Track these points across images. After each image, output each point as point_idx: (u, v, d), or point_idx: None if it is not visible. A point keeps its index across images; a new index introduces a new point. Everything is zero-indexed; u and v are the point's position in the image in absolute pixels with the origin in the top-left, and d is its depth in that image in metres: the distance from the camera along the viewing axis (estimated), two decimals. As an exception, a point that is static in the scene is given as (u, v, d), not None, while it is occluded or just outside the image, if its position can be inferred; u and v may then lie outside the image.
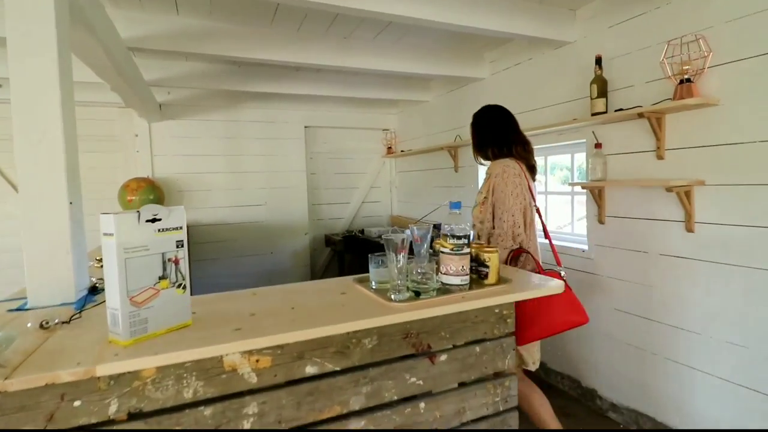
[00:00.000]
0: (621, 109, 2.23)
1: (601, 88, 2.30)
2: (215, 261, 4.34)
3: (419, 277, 1.31)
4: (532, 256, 1.81)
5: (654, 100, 2.13)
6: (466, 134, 3.82)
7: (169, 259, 1.06)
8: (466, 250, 1.34)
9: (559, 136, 2.76)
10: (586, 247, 2.63)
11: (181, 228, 1.09)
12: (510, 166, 1.87)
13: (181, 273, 1.09)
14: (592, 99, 2.34)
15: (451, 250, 1.33)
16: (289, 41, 2.82)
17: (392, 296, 1.26)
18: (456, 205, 1.38)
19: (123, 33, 2.43)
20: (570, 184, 2.50)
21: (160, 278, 1.05)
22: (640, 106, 2.13)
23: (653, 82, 2.16)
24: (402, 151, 4.69)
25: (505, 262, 1.80)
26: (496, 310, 1.34)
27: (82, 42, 1.96)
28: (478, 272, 1.41)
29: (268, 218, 4.54)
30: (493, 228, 1.89)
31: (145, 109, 3.54)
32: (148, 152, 4.03)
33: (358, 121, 4.94)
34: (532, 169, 2.00)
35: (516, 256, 1.82)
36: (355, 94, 4.01)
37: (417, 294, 1.28)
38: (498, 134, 2.00)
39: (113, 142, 4.01)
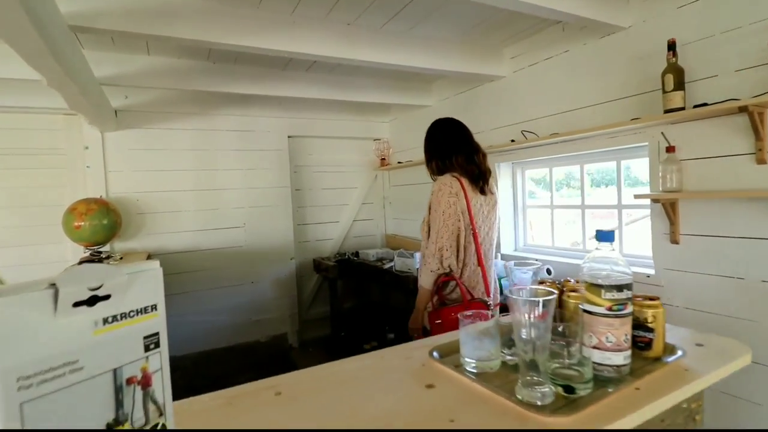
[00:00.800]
0: (704, 104, 1.81)
1: (678, 78, 1.88)
2: (185, 295, 3.65)
3: (560, 357, 0.79)
4: (458, 283, 1.70)
5: (747, 92, 1.73)
6: (480, 140, 3.35)
7: (130, 380, 0.49)
8: (630, 308, 0.84)
9: (609, 140, 2.33)
10: (651, 271, 2.19)
11: (155, 309, 0.52)
12: (447, 183, 1.74)
13: (155, 402, 0.52)
14: (665, 92, 1.91)
15: (611, 309, 0.82)
16: (281, 26, 2.28)
17: (535, 400, 0.73)
18: (607, 236, 0.86)
19: (64, 7, 1.83)
20: (638, 197, 2.07)
21: (111, 425, 0.47)
22: (737, 99, 1.72)
23: (747, 71, 1.76)
24: (399, 162, 4.19)
25: (432, 288, 1.74)
26: (684, 405, 0.84)
27: (-2, 9, 1.35)
28: (634, 339, 0.90)
29: (248, 242, 3.90)
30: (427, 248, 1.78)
31: (96, 114, 2.88)
32: (101, 168, 3.34)
33: (348, 130, 4.41)
34: (478, 179, 1.80)
35: (444, 283, 1.75)
36: (348, 96, 3.49)
37: (569, 390, 0.76)
38: (439, 148, 1.89)
39: (58, 157, 3.30)
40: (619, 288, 0.82)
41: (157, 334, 0.52)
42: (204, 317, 3.72)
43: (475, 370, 0.86)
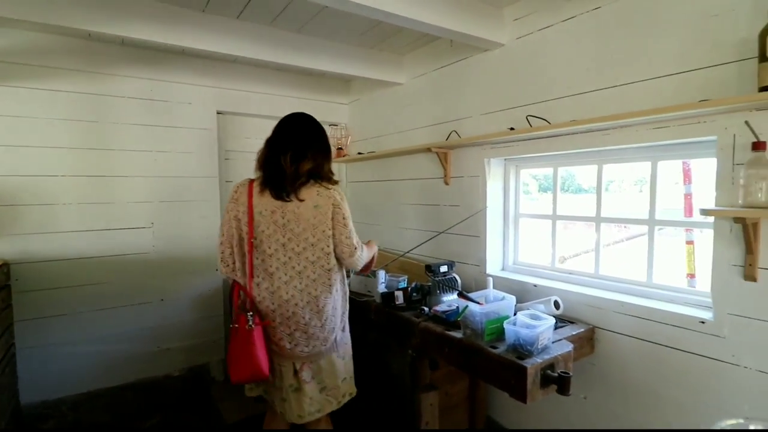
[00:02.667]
0: (829, 80, 1.21)
1: (789, 40, 1.27)
2: (65, 318, 2.68)
3: None
4: (236, 292, 1.70)
5: None
6: (466, 128, 2.49)
7: None
8: None
9: (650, 131, 1.70)
10: (708, 315, 1.59)
11: None
12: (234, 187, 1.74)
13: None
14: (765, 61, 1.30)
15: None
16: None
17: None
18: None
19: None
20: (707, 212, 1.45)
21: None
22: None
23: None
24: (359, 153, 3.42)
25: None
26: None
27: None
28: None
29: (158, 248, 2.98)
30: None
31: None
32: (-70, 138, 2.31)
33: (295, 109, 3.48)
34: (274, 183, 1.66)
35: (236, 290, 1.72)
36: (296, 61, 2.68)
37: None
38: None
39: None
40: None
41: None
42: (92, 347, 2.77)
43: None
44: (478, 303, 1.76)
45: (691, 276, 2.67)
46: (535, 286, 2.19)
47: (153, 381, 3.00)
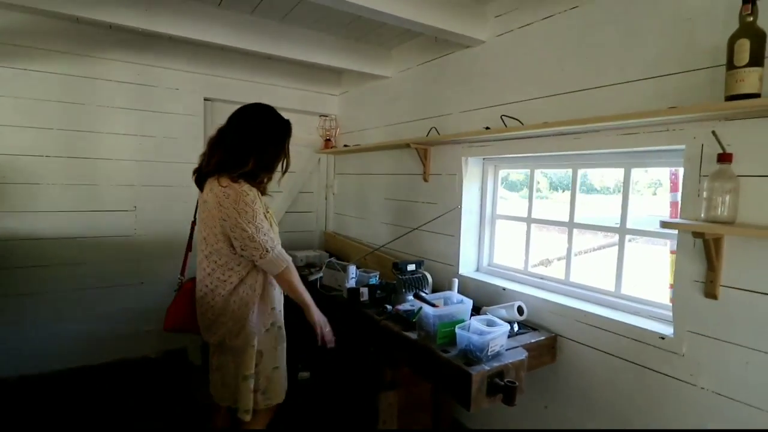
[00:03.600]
0: (797, 91, 1.14)
1: (756, 48, 1.19)
2: (41, 297, 2.73)
3: None
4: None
5: None
6: (446, 125, 2.47)
7: None
8: None
9: (621, 137, 1.64)
10: (668, 331, 1.54)
11: None
12: None
13: None
14: (733, 69, 1.23)
15: None
16: None
17: None
18: None
19: None
20: (666, 225, 1.38)
21: None
22: None
23: None
24: (345, 146, 3.39)
25: None
26: None
27: None
28: None
29: (140, 231, 3.00)
30: None
31: None
32: None
33: (286, 99, 3.52)
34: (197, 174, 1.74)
35: None
36: (281, 51, 2.65)
37: None
38: None
39: None
40: None
41: None
42: (71, 325, 2.83)
43: None
44: (433, 305, 1.72)
45: (673, 287, 2.58)
46: (504, 289, 2.15)
47: (130, 361, 3.04)
